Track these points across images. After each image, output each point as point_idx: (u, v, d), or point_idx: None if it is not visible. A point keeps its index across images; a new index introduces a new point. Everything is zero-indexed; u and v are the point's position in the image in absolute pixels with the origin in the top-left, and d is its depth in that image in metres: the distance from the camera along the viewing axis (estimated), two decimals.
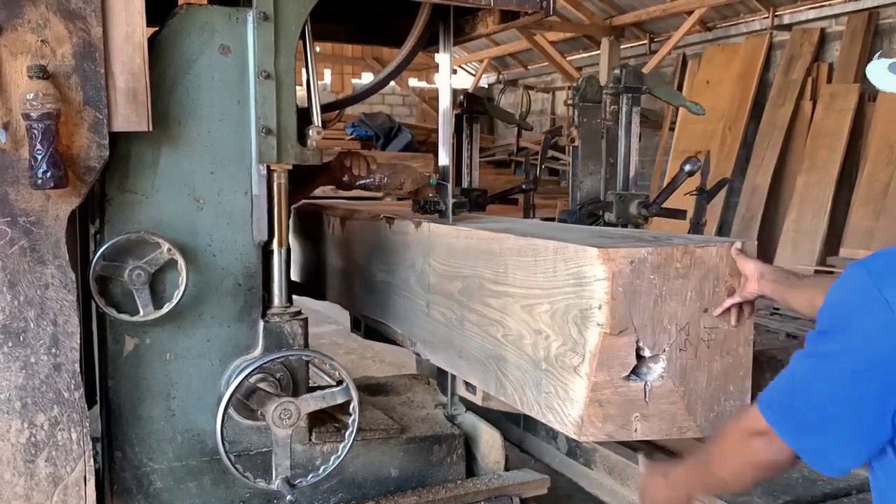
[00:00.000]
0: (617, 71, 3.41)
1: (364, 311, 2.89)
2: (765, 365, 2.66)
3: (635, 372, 1.72)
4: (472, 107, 3.49)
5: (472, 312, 2.14)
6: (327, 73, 12.90)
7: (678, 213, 3.68)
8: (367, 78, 13.15)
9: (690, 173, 3.54)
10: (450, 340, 2.28)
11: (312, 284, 3.38)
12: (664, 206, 3.41)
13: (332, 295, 3.22)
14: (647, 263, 1.67)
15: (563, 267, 1.77)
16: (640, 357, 1.72)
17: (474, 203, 3.19)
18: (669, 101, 4.18)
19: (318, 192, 3.32)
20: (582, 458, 2.72)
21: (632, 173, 3.43)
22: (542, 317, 1.84)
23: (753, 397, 1.76)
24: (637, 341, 1.70)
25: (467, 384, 2.49)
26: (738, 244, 1.80)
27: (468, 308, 2.16)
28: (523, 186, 4.14)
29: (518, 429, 2.94)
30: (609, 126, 3.42)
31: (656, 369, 1.73)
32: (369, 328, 3.14)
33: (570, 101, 3.51)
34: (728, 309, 1.78)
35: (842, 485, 2.76)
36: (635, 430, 1.74)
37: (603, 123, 3.43)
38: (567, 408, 1.76)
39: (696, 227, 3.87)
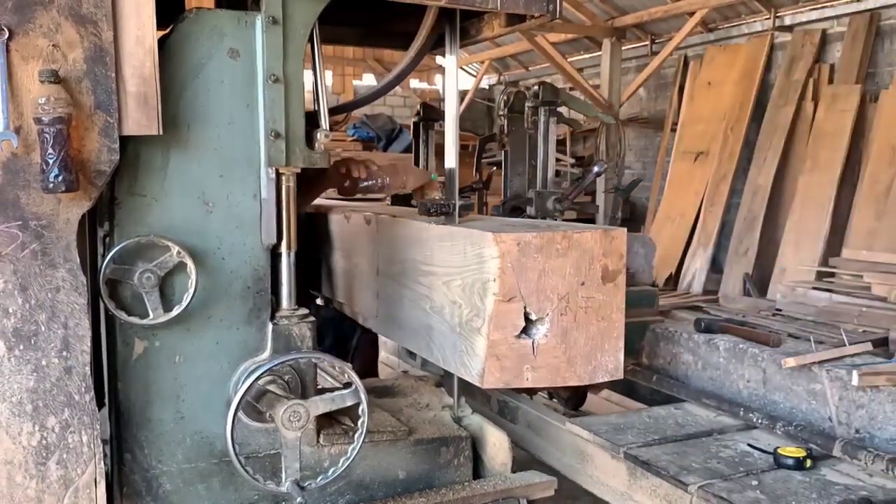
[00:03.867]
0: (536, 87, 4.05)
1: (331, 295, 3.30)
2: (660, 335, 3.61)
3: (525, 332, 2.09)
4: (428, 115, 4.09)
5: (409, 290, 2.51)
6: (328, 74, 12.92)
7: (589, 207, 4.34)
8: (367, 79, 13.16)
9: (598, 174, 4.21)
10: (393, 315, 2.66)
11: None
12: (576, 201, 4.31)
13: (308, 283, 3.46)
14: (532, 245, 2.05)
15: (471, 249, 2.14)
16: (528, 320, 2.08)
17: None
18: (583, 113, 4.82)
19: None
20: (508, 415, 3.37)
21: (550, 174, 4.04)
22: (456, 290, 2.21)
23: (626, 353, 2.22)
24: (524, 307, 2.07)
25: (409, 352, 3.25)
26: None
27: (406, 287, 2.53)
28: (473, 186, 4.62)
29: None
30: (531, 133, 4.07)
31: (541, 330, 2.09)
32: None
33: (501, 112, 4.18)
34: None
35: (703, 427, 3.19)
36: (527, 379, 2.12)
37: (526, 132, 4.06)
38: (473, 362, 2.13)
39: (613, 219, 4.48)
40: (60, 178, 1.71)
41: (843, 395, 2.91)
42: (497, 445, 2.51)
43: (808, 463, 2.67)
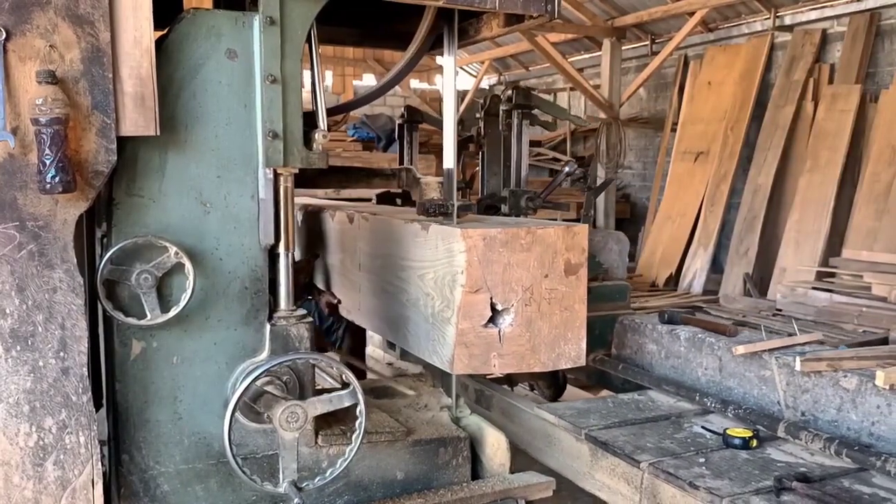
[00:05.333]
0: (509, 91, 4.26)
1: (326, 289, 3.43)
2: (627, 327, 3.85)
3: (492, 321, 2.22)
4: (412, 117, 4.37)
5: (388, 284, 2.64)
6: (328, 74, 12.91)
7: (561, 206, 4.90)
8: (367, 79, 13.15)
9: (569, 174, 4.52)
10: (374, 308, 2.81)
11: None
12: (548, 199, 4.51)
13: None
14: (497, 240, 2.18)
15: (442, 244, 2.27)
16: (494, 310, 2.22)
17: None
18: (556, 116, 5.07)
19: (321, 193, 3.41)
20: (484, 403, 3.64)
21: (523, 174, 4.26)
22: (429, 282, 2.33)
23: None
24: (491, 298, 2.20)
25: (389, 343, 3.55)
26: None
27: (386, 280, 2.67)
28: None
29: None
30: (505, 135, 4.31)
31: (507, 319, 2.23)
32: None
33: (478, 115, 4.43)
34: None
35: (662, 412, 3.40)
36: (494, 366, 2.25)
37: (501, 133, 4.31)
38: (444, 349, 2.26)
39: (585, 217, 4.90)
40: (57, 178, 1.71)
41: (790, 380, 3.10)
42: (495, 446, 2.50)
43: (754, 443, 2.87)
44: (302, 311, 2.22)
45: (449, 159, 2.55)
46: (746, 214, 8.37)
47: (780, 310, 6.83)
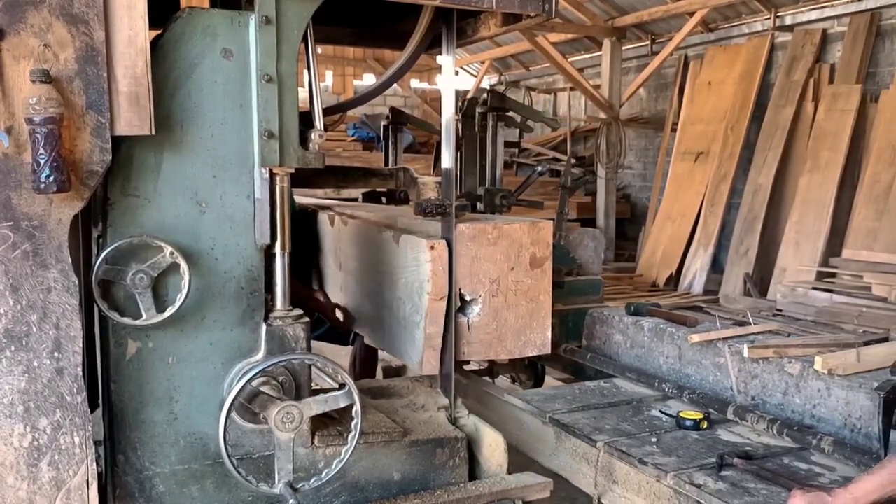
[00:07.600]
0: (485, 95, 4.52)
1: (319, 287, 3.56)
2: (596, 318, 4.09)
3: (461, 311, 2.35)
4: (398, 119, 4.55)
5: (365, 286, 2.77)
6: (329, 74, 12.89)
7: (535, 204, 4.97)
8: (368, 79, 13.14)
9: (541, 174, 4.88)
10: (353, 307, 2.93)
11: None
12: (522, 197, 4.71)
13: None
14: (465, 235, 2.31)
15: (411, 252, 2.39)
16: (463, 301, 2.35)
17: (403, 199, 3.96)
18: (530, 118, 5.24)
19: (320, 193, 3.41)
20: (461, 391, 3.52)
21: (498, 173, 4.50)
22: (401, 288, 2.45)
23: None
24: (460, 289, 2.34)
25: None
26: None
27: (362, 283, 2.80)
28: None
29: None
30: (481, 136, 4.55)
31: (475, 309, 2.37)
32: None
33: (456, 117, 4.50)
34: None
35: (624, 398, 3.52)
36: (464, 353, 2.40)
37: (477, 134, 4.55)
38: (414, 352, 2.40)
39: (560, 215, 5.08)
40: (52, 178, 1.71)
41: (741, 367, 3.26)
42: (493, 447, 2.50)
43: (705, 424, 3.02)
44: (298, 311, 2.22)
45: (447, 159, 2.54)
46: (746, 215, 8.36)
47: (780, 310, 6.82)
